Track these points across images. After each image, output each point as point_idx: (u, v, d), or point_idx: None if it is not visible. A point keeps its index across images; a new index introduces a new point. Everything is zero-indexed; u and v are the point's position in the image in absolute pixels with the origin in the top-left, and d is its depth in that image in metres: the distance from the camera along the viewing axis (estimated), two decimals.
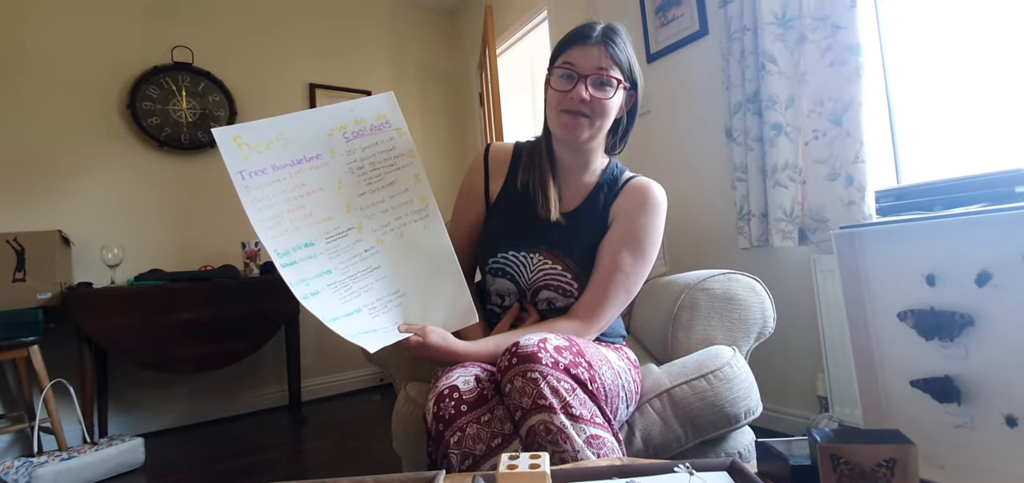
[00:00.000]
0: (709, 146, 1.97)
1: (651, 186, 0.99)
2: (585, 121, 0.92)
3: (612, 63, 0.90)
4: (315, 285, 0.80)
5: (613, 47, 0.91)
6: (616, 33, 0.93)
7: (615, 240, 0.95)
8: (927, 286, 0.54)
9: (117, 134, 2.57)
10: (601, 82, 0.90)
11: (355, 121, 0.94)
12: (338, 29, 3.23)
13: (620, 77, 0.92)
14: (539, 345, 0.74)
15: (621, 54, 0.92)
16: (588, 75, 0.90)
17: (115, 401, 2.45)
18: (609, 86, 0.90)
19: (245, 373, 2.74)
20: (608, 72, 0.90)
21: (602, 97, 0.90)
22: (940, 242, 0.55)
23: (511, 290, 1.01)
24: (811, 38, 1.58)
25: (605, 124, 0.94)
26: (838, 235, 0.61)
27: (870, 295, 0.59)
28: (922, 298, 0.55)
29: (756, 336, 1.18)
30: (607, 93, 0.90)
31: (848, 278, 0.59)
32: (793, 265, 1.71)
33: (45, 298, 2.07)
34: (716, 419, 0.98)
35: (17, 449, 2.25)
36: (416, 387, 1.08)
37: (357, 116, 0.94)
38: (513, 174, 1.04)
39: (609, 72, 0.90)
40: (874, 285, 0.58)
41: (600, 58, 0.90)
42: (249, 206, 0.80)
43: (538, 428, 0.69)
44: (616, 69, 0.91)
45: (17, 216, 2.31)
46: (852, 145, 1.47)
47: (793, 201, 1.59)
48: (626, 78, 0.93)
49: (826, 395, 1.59)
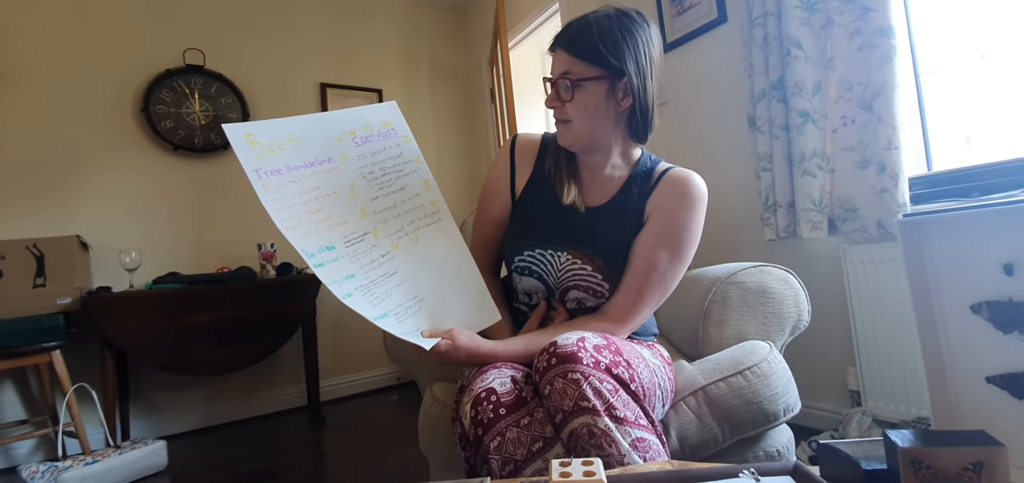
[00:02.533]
0: (730, 136, 1.92)
1: (690, 178, 0.92)
2: (565, 127, 0.92)
3: (575, 61, 0.88)
4: (346, 287, 0.78)
5: (576, 44, 0.88)
6: (588, 27, 0.88)
7: (651, 237, 0.91)
8: (1004, 275, 0.51)
9: (132, 138, 2.57)
10: (565, 86, 0.89)
11: (363, 126, 0.94)
12: (348, 29, 3.22)
13: (586, 73, 0.87)
14: (578, 344, 0.71)
15: (588, 48, 0.87)
16: (555, 81, 0.91)
17: (136, 404, 2.46)
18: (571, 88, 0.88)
19: (263, 374, 2.75)
20: (569, 73, 0.88)
21: (567, 99, 0.89)
22: (1020, 228, 0.51)
23: (539, 289, 0.98)
24: (838, 21, 1.53)
25: (587, 124, 0.90)
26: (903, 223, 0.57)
27: (938, 287, 0.55)
28: (999, 288, 0.52)
29: (791, 330, 1.14)
30: (569, 95, 0.89)
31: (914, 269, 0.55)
32: (822, 256, 1.66)
33: (65, 303, 2.08)
34: (754, 417, 0.95)
35: (41, 453, 2.27)
36: (442, 388, 1.06)
37: (364, 122, 0.95)
38: (540, 167, 1.01)
39: (570, 73, 0.88)
40: (943, 276, 0.55)
41: (562, 62, 0.90)
42: (269, 205, 0.78)
43: (581, 431, 0.66)
44: (581, 65, 0.87)
45: (36, 222, 2.32)
46: (884, 131, 1.42)
47: (822, 190, 1.54)
48: (602, 67, 0.87)
49: (858, 389, 1.55)
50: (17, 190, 2.32)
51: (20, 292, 2.02)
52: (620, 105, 0.90)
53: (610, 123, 0.92)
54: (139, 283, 2.34)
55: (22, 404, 2.28)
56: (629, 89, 0.88)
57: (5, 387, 2.24)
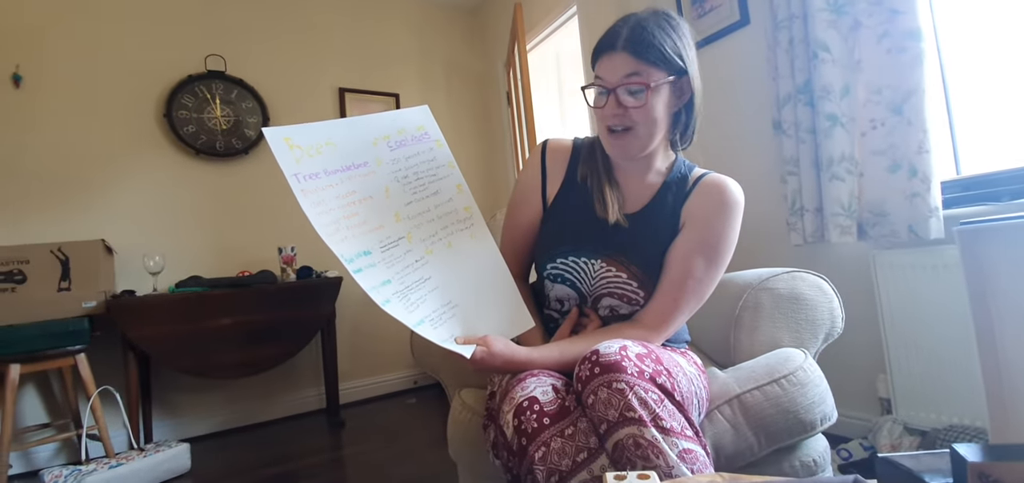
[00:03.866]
0: (754, 139, 1.90)
1: (727, 185, 0.91)
2: (629, 135, 0.87)
3: (642, 64, 0.83)
4: (384, 293, 0.78)
5: (640, 47, 0.83)
6: (644, 28, 0.85)
7: (687, 245, 0.89)
8: None
9: (155, 143, 2.61)
10: (631, 91, 0.84)
11: (397, 131, 0.94)
12: (365, 33, 3.24)
13: (655, 76, 0.84)
14: (621, 353, 0.70)
15: (652, 49, 0.84)
16: (617, 87, 0.85)
17: (158, 407, 2.49)
18: (642, 92, 0.84)
19: (283, 377, 2.77)
20: (638, 77, 0.83)
21: (638, 104, 0.84)
22: None
23: (571, 296, 0.97)
24: (866, 24, 1.51)
25: (654, 129, 0.87)
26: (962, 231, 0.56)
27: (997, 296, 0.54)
28: None
29: (824, 338, 1.13)
30: (641, 100, 0.84)
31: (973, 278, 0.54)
32: (850, 261, 1.64)
33: (90, 307, 2.11)
34: (791, 426, 0.94)
35: (63, 457, 2.29)
36: (471, 394, 1.06)
37: (399, 126, 0.95)
38: (572, 173, 1.00)
39: (639, 76, 0.83)
40: (1003, 284, 0.54)
41: (626, 64, 0.84)
42: (309, 210, 0.78)
43: (627, 442, 0.65)
44: (649, 68, 0.83)
45: (62, 226, 2.36)
46: (915, 135, 1.40)
47: (851, 194, 1.52)
48: (668, 69, 0.85)
49: (888, 397, 1.52)
50: (43, 195, 2.36)
51: (45, 296, 2.05)
52: (678, 106, 0.89)
53: (666, 128, 0.90)
54: (162, 287, 2.37)
55: (44, 407, 2.31)
56: (688, 89, 0.87)
57: (26, 391, 2.27)
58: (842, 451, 1.49)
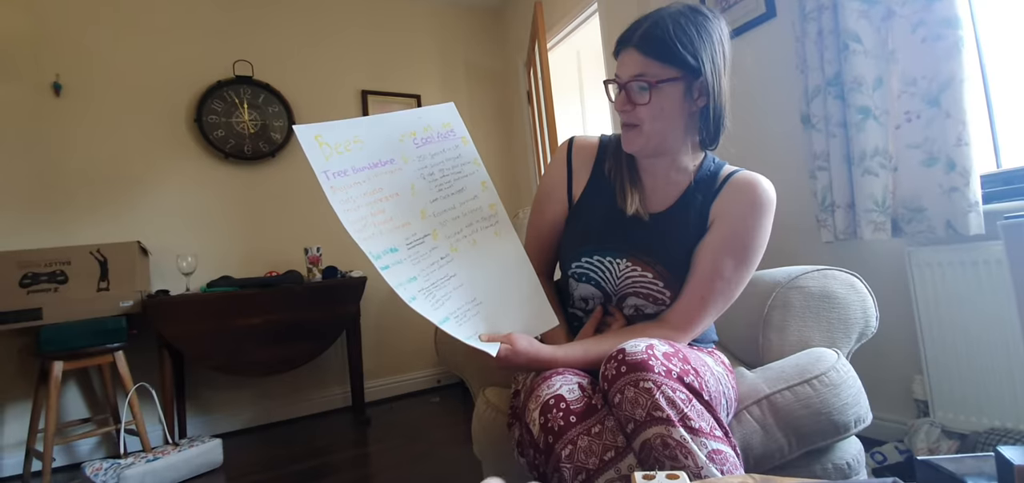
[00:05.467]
0: (781, 134, 1.86)
1: (758, 182, 0.89)
2: (635, 132, 0.88)
3: (651, 61, 0.83)
4: (410, 290, 0.79)
5: (651, 44, 0.83)
6: (660, 24, 0.84)
7: (716, 244, 0.88)
8: None
9: (186, 147, 2.69)
10: (639, 88, 0.85)
11: (424, 128, 0.95)
12: (387, 36, 3.28)
13: (662, 74, 0.83)
14: (648, 352, 0.69)
15: (664, 46, 0.83)
16: (627, 83, 0.86)
17: (192, 403, 2.56)
18: (646, 90, 0.84)
19: (310, 375, 2.82)
20: (645, 75, 0.83)
21: (642, 102, 0.85)
22: None
23: (596, 295, 0.97)
24: (900, 13, 1.46)
25: (660, 128, 0.86)
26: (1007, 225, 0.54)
27: None
28: None
29: (857, 338, 1.10)
30: (645, 97, 0.84)
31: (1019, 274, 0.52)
32: (884, 258, 1.59)
33: (127, 306, 2.18)
34: (824, 428, 0.92)
35: (103, 450, 2.39)
36: (495, 392, 1.06)
37: (425, 123, 0.95)
38: (598, 171, 0.99)
39: (646, 74, 0.83)
40: None
41: (635, 62, 0.85)
42: (338, 207, 0.80)
43: (655, 442, 0.65)
44: (657, 65, 0.83)
45: (99, 229, 2.45)
46: (953, 127, 1.35)
47: (884, 189, 1.48)
48: (680, 67, 0.83)
49: (925, 398, 1.47)
50: (81, 199, 2.46)
51: (86, 296, 2.13)
52: (694, 106, 0.87)
53: (681, 126, 0.88)
54: (194, 286, 2.44)
55: (85, 402, 2.40)
56: (705, 89, 0.85)
57: (69, 386, 2.37)
58: (876, 454, 1.45)
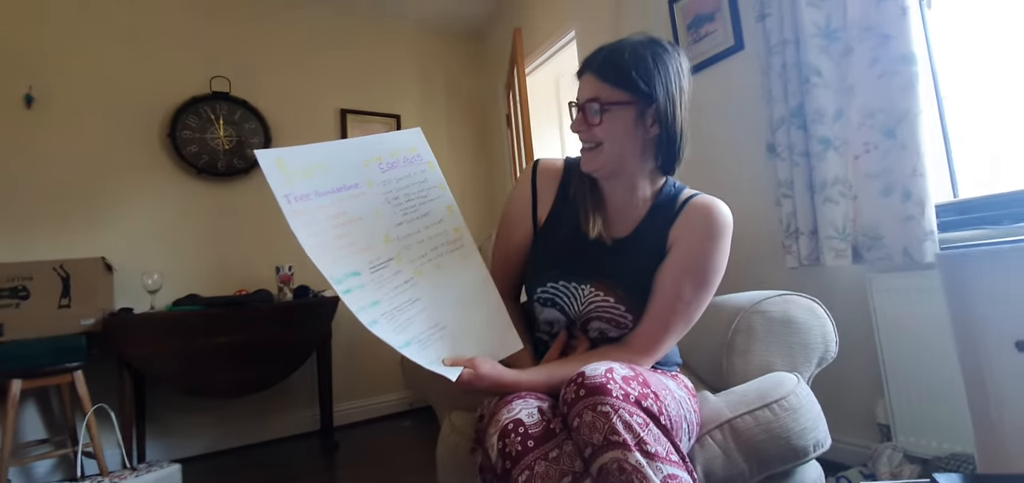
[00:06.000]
0: (749, 162, 1.91)
1: (715, 206, 0.91)
2: (595, 152, 0.90)
3: (604, 86, 0.87)
4: (372, 314, 0.78)
5: (606, 69, 0.88)
6: (617, 52, 0.88)
7: (675, 268, 0.89)
8: None
9: (158, 162, 2.64)
10: (593, 110, 0.88)
11: (389, 153, 0.95)
12: (368, 55, 3.29)
13: (614, 97, 0.87)
14: (607, 375, 0.70)
15: (618, 73, 0.86)
16: (583, 105, 0.90)
17: (151, 426, 2.47)
18: (599, 112, 0.87)
19: (277, 397, 2.75)
20: (598, 97, 0.88)
21: (596, 122, 0.88)
22: None
23: (560, 319, 0.97)
24: (858, 49, 1.52)
25: (616, 149, 0.89)
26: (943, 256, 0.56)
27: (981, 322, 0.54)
28: None
29: (818, 362, 1.11)
30: (597, 120, 0.88)
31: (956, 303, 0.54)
32: (846, 284, 1.63)
33: (88, 324, 2.11)
34: (783, 453, 0.92)
35: (60, 473, 2.28)
36: (461, 417, 1.05)
37: (391, 148, 0.95)
38: (562, 194, 1.00)
39: (599, 97, 0.88)
40: (985, 311, 0.53)
41: (592, 86, 0.89)
42: (299, 231, 0.79)
43: (611, 467, 0.64)
44: (610, 89, 0.87)
45: (65, 244, 2.38)
46: (908, 158, 1.40)
47: (845, 217, 1.52)
48: (632, 93, 0.86)
49: (888, 422, 1.50)
50: (48, 212, 2.39)
51: (46, 313, 2.06)
52: (648, 132, 0.89)
53: (637, 151, 0.90)
54: (160, 305, 2.37)
55: (43, 423, 2.30)
56: (658, 116, 0.88)
57: (28, 406, 2.27)
58: (842, 479, 1.46)
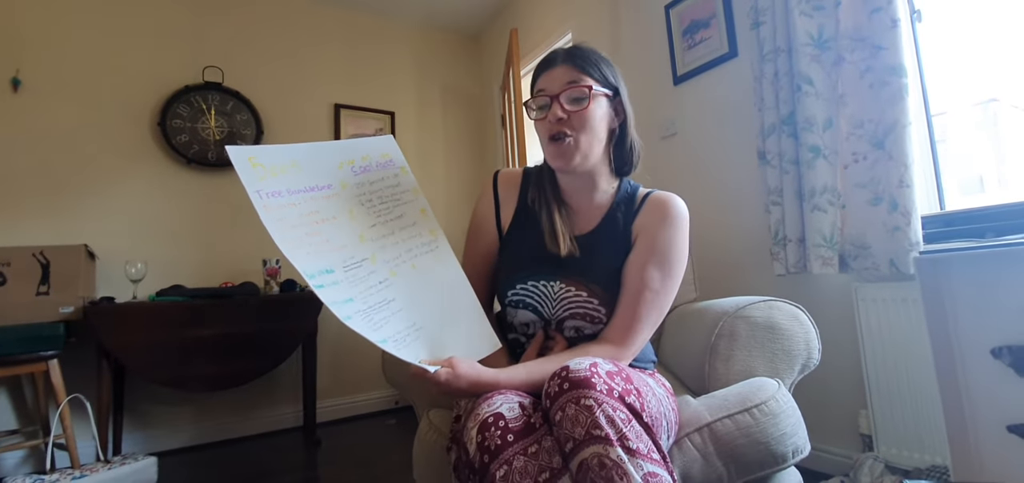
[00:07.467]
0: (740, 169, 1.91)
1: (671, 199, 0.96)
2: (569, 143, 0.90)
3: (581, 73, 0.90)
4: (346, 310, 0.77)
5: (579, 60, 0.91)
6: (579, 47, 0.94)
7: (640, 258, 0.92)
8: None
9: (147, 150, 2.61)
10: (573, 97, 0.90)
11: (362, 157, 0.95)
12: (363, 51, 3.28)
13: (593, 84, 0.91)
14: (591, 369, 0.69)
15: (590, 64, 0.92)
16: (559, 94, 0.90)
17: (130, 418, 2.43)
18: (583, 98, 0.90)
19: (260, 392, 2.71)
20: (578, 83, 0.90)
21: (578, 110, 0.90)
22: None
23: (535, 320, 0.97)
24: (849, 59, 1.53)
25: (593, 138, 0.92)
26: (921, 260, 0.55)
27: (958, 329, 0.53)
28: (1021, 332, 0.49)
29: (800, 369, 1.11)
30: (582, 105, 0.90)
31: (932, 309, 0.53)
32: (833, 293, 1.63)
33: (67, 312, 2.07)
34: (762, 458, 0.91)
35: (30, 465, 2.23)
36: (439, 415, 1.04)
37: (363, 153, 0.96)
38: (524, 200, 1.02)
39: (579, 83, 0.90)
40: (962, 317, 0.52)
41: (567, 73, 0.91)
42: (270, 225, 0.79)
43: (591, 462, 0.63)
44: (587, 78, 0.91)
45: (49, 231, 2.34)
46: (896, 169, 1.40)
47: (833, 226, 1.52)
48: (603, 84, 0.92)
49: (870, 433, 1.49)
50: (31, 197, 2.35)
51: (24, 300, 2.02)
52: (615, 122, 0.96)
53: (604, 145, 0.95)
54: (143, 295, 2.34)
55: (15, 414, 2.26)
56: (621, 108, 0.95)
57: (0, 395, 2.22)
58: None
